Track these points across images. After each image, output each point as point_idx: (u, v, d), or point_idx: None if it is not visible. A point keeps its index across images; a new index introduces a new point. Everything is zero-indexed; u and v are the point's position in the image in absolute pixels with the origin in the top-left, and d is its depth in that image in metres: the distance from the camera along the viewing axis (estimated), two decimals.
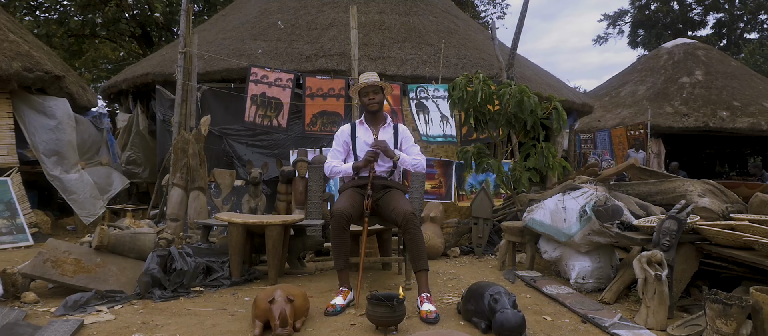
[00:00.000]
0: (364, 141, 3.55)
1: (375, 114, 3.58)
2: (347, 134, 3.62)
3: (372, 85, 3.51)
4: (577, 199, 3.67)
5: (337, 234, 3.26)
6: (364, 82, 3.51)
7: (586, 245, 3.62)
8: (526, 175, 4.98)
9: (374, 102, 3.53)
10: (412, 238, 3.22)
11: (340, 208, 3.27)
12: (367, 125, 3.60)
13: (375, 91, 3.53)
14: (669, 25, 28.74)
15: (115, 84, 8.83)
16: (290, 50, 7.64)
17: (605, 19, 29.39)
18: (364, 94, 3.54)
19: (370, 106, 3.53)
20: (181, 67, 6.29)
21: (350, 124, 3.68)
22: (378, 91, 3.55)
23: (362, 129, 3.60)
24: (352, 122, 3.69)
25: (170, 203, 5.08)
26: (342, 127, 3.69)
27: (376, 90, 3.54)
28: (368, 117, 3.61)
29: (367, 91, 3.53)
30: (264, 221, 3.83)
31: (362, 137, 3.57)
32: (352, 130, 3.62)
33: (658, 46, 24.83)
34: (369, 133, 3.57)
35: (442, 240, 4.90)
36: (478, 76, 5.01)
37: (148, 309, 3.18)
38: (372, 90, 3.52)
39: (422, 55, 7.67)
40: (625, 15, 28.94)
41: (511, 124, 5.02)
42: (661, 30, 28.54)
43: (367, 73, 3.61)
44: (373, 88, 3.52)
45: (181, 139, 5.08)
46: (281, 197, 5.44)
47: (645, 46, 29.02)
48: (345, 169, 3.51)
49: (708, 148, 14.26)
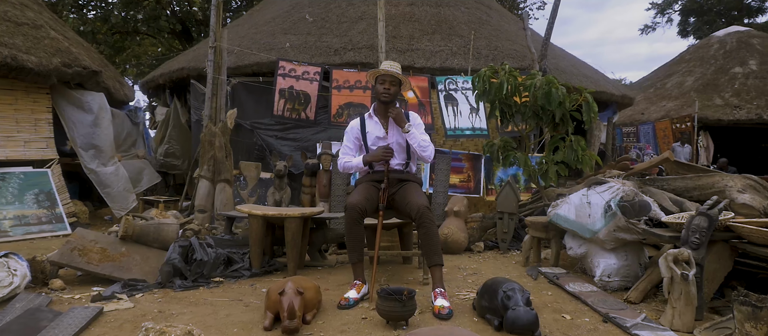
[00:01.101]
0: (375, 135, 3.50)
1: (386, 105, 3.50)
2: (357, 129, 3.58)
3: (391, 75, 3.44)
4: (602, 193, 3.52)
5: (350, 227, 3.24)
6: (384, 70, 3.44)
7: (612, 242, 3.47)
8: (553, 169, 4.82)
9: (389, 93, 3.44)
10: (426, 232, 3.17)
11: (353, 201, 3.24)
12: (376, 118, 3.54)
13: (393, 82, 3.45)
14: (723, 13, 27.23)
15: (152, 79, 9.11)
16: (319, 44, 7.67)
17: (653, 7, 28.08)
18: (381, 82, 3.46)
19: (383, 96, 3.44)
20: (211, 61, 6.41)
21: (359, 118, 3.62)
22: (396, 84, 3.47)
23: (372, 123, 3.54)
24: (361, 116, 3.64)
25: (197, 195, 5.19)
26: (351, 122, 3.64)
27: (394, 81, 3.46)
28: (379, 108, 3.55)
29: (385, 80, 3.45)
30: (283, 213, 3.86)
31: (373, 131, 3.52)
32: (362, 125, 3.57)
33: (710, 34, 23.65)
34: (379, 126, 3.51)
35: (465, 235, 4.82)
36: (503, 67, 4.88)
37: (167, 298, 3.25)
38: (390, 80, 3.44)
39: (452, 47, 7.55)
40: (675, 2, 27.57)
41: (539, 116, 4.86)
42: (714, 18, 27.09)
43: (391, 61, 3.52)
44: (391, 79, 3.44)
45: (208, 131, 5.18)
46: (305, 190, 5.48)
47: (696, 35, 27.64)
48: (356, 163, 3.48)
49: (763, 142, 13.48)
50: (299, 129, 7.15)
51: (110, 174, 5.77)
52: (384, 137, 3.50)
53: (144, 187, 6.66)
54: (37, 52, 5.50)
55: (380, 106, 3.53)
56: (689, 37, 28.04)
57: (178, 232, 3.85)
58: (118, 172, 5.61)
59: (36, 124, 5.69)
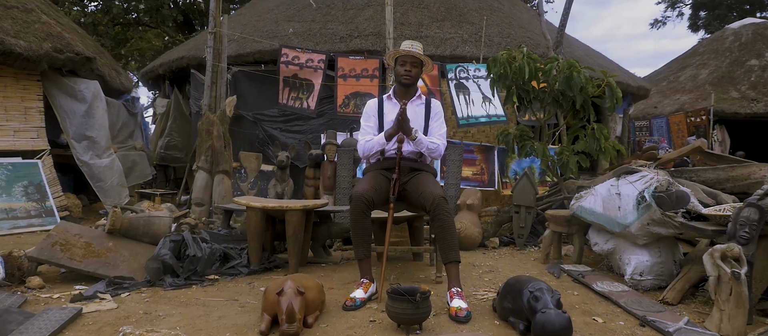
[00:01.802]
0: (391, 119, 3.19)
1: (407, 88, 3.20)
2: (375, 109, 3.27)
3: (412, 56, 3.13)
4: (634, 183, 3.19)
5: (356, 220, 2.93)
6: (405, 50, 3.13)
7: (645, 237, 3.15)
8: (573, 160, 4.49)
9: (409, 75, 3.14)
10: (442, 225, 2.85)
11: (360, 191, 2.94)
12: (396, 100, 3.23)
13: (414, 63, 3.15)
14: (734, 6, 26.74)
15: (152, 69, 8.82)
16: (324, 31, 7.36)
17: (663, 1, 27.60)
18: (401, 63, 3.16)
19: (404, 78, 3.15)
20: (211, 48, 6.11)
21: (377, 99, 3.32)
22: (417, 65, 3.17)
23: (390, 105, 3.24)
24: (379, 97, 3.33)
25: (195, 187, 4.90)
26: (368, 102, 3.34)
27: (416, 62, 3.16)
28: (399, 90, 3.24)
29: (405, 61, 3.14)
30: (284, 206, 3.56)
31: (390, 114, 3.20)
32: (380, 107, 3.27)
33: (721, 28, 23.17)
34: (398, 108, 3.20)
35: (479, 229, 4.50)
36: (521, 50, 4.55)
37: (155, 297, 2.96)
38: (411, 61, 3.14)
39: (463, 35, 7.22)
40: None
41: (559, 103, 4.54)
42: (725, 11, 26.61)
43: (412, 41, 3.20)
44: (412, 59, 3.14)
45: (205, 120, 4.89)
46: (309, 182, 5.18)
47: (707, 29, 27.20)
48: (377, 141, 3.14)
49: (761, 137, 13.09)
50: (304, 120, 6.87)
51: (104, 167, 5.48)
52: None
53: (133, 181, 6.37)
54: (27, 37, 5.22)
55: (400, 89, 3.23)
56: (700, 32, 27.61)
57: (170, 225, 3.55)
58: (112, 165, 5.33)
59: (26, 113, 5.41)
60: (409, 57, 3.13)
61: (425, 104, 3.24)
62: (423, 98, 3.26)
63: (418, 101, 3.24)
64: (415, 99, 3.23)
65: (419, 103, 3.24)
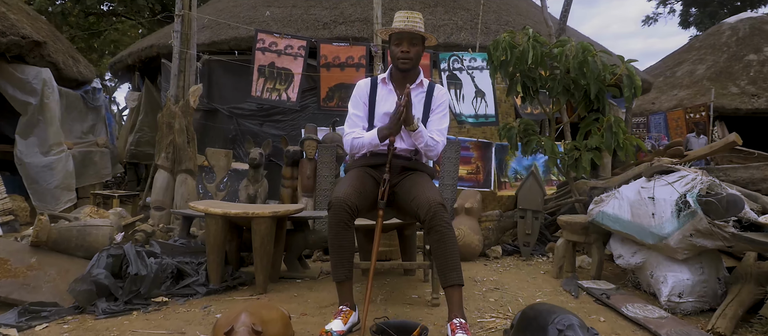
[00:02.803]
0: (384, 111, 2.58)
1: (406, 73, 2.58)
2: (365, 94, 2.65)
3: (410, 33, 2.51)
4: (673, 185, 2.64)
5: (336, 232, 2.34)
6: (401, 26, 2.50)
7: (686, 251, 2.59)
8: (587, 157, 3.94)
9: (408, 57, 2.51)
10: (441, 238, 2.27)
11: (341, 195, 2.34)
12: (392, 85, 2.63)
13: (413, 41, 2.52)
14: (725, 3, 26.63)
15: (121, 59, 8.15)
16: (306, 16, 6.75)
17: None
18: (397, 43, 2.53)
19: (402, 63, 2.52)
20: (179, 32, 5.48)
21: (370, 80, 2.70)
22: (417, 43, 2.54)
23: (385, 90, 2.63)
24: (372, 78, 2.73)
25: (154, 189, 4.28)
26: (359, 83, 2.72)
27: (415, 40, 2.52)
28: (395, 74, 2.63)
29: (402, 40, 2.51)
30: (250, 212, 2.96)
31: (384, 102, 2.60)
32: (372, 90, 2.66)
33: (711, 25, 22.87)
34: (394, 97, 2.59)
35: (479, 237, 3.94)
36: (526, 32, 3.98)
37: (81, 329, 2.35)
38: (408, 39, 2.51)
39: (457, 21, 6.64)
40: None
41: (570, 92, 3.98)
42: (717, 8, 26.50)
43: (408, 12, 2.56)
44: (410, 37, 2.51)
45: (166, 112, 4.26)
46: (285, 183, 4.58)
47: (698, 26, 27.11)
48: (370, 140, 2.52)
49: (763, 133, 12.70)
50: (285, 114, 6.26)
51: (42, 166, 4.78)
52: None
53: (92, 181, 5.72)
54: None
55: (397, 73, 2.61)
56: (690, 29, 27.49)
57: (111, 236, 2.94)
58: (57, 164, 4.67)
59: None
60: (406, 35, 2.52)
61: (427, 92, 2.65)
62: (425, 84, 2.66)
63: (420, 89, 2.64)
64: (416, 86, 2.63)
65: (420, 91, 2.64)
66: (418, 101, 2.62)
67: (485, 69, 5.86)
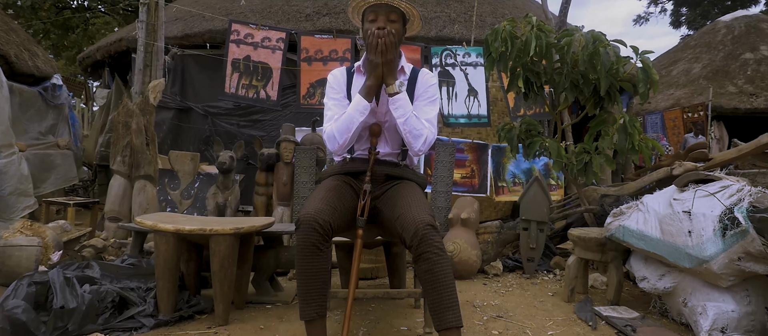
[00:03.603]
0: None
1: None
2: (343, 81, 2.21)
3: (387, 5, 2.05)
4: (715, 196, 2.18)
5: (304, 258, 1.87)
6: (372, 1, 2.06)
7: (731, 276, 2.15)
8: (598, 161, 3.49)
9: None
10: (432, 269, 1.80)
11: (311, 212, 1.87)
12: None
13: (391, 16, 2.06)
14: (716, 2, 26.64)
15: (89, 55, 7.60)
16: (287, 7, 6.26)
17: None
18: (371, 19, 2.07)
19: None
20: (144, 22, 4.98)
21: (346, 69, 2.25)
22: (396, 19, 2.08)
23: (360, 81, 2.17)
24: (347, 67, 2.26)
25: (108, 197, 3.77)
26: (333, 72, 2.26)
27: (394, 15, 2.07)
28: None
29: (377, 14, 2.06)
30: (207, 229, 2.47)
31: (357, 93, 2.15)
32: (349, 80, 2.21)
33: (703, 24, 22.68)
34: None
35: (477, 252, 3.47)
36: (529, 20, 3.53)
37: None
38: (384, 13, 2.05)
39: (450, 13, 6.19)
40: None
41: (578, 87, 3.53)
42: (708, 7, 26.50)
43: None
44: (387, 10, 2.06)
45: (122, 110, 3.76)
46: (260, 190, 4.09)
47: (689, 26, 27.09)
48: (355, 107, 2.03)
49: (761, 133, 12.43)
50: (265, 113, 5.78)
51: None
52: (373, 109, 2.13)
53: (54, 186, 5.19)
54: None
55: None
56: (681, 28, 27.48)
57: (38, 258, 2.43)
58: (7, 169, 4.14)
59: None
60: (384, 7, 2.06)
61: (410, 78, 2.19)
62: (408, 70, 2.20)
63: (401, 76, 2.18)
64: (401, 71, 2.18)
65: (402, 77, 2.18)
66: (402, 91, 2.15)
67: (480, 65, 5.41)
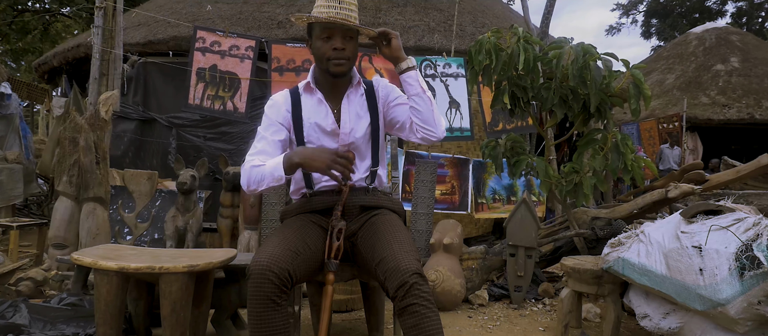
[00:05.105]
0: (316, 122, 1.86)
1: (339, 78, 1.86)
2: (283, 112, 1.89)
3: (343, 24, 1.76)
4: (730, 230, 1.96)
5: (258, 313, 1.56)
6: (330, 15, 1.75)
7: (749, 321, 1.92)
8: (589, 181, 3.27)
9: (343, 56, 1.79)
10: (419, 325, 1.52)
11: (264, 260, 1.57)
12: (321, 94, 1.89)
13: (346, 35, 1.79)
14: (685, 14, 27.39)
15: (46, 60, 7.14)
16: (258, 14, 5.95)
17: (618, 8, 27.92)
18: (325, 37, 1.78)
19: (336, 65, 1.79)
20: (100, 28, 4.60)
21: (288, 92, 1.94)
22: (353, 36, 1.81)
23: (312, 101, 1.90)
24: (291, 89, 1.96)
25: (53, 221, 3.39)
26: (273, 97, 1.95)
27: (350, 32, 1.80)
28: (323, 80, 1.89)
29: (333, 33, 1.78)
30: (156, 267, 2.14)
31: (312, 115, 1.88)
32: (295, 104, 1.90)
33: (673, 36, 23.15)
34: (325, 108, 1.88)
35: (462, 280, 3.21)
36: (515, 31, 3.30)
37: None
38: (341, 33, 1.78)
39: (429, 22, 5.96)
40: (640, 3, 27.48)
41: (567, 103, 3.31)
42: (677, 19, 27.20)
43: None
44: (344, 30, 1.78)
45: (69, 125, 3.39)
46: (225, 212, 3.76)
47: (659, 36, 27.78)
48: (271, 170, 1.72)
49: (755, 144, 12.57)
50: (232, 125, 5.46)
51: None
52: (335, 130, 1.85)
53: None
54: None
55: (326, 76, 1.87)
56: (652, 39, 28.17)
57: None
58: None
59: None
60: (339, 27, 1.78)
61: (367, 93, 1.92)
62: (362, 85, 1.94)
63: (358, 91, 1.92)
64: (353, 89, 1.92)
65: (358, 93, 1.92)
66: (361, 106, 1.91)
67: (461, 76, 5.19)
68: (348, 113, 1.87)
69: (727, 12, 26.59)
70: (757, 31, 25.03)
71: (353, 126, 1.86)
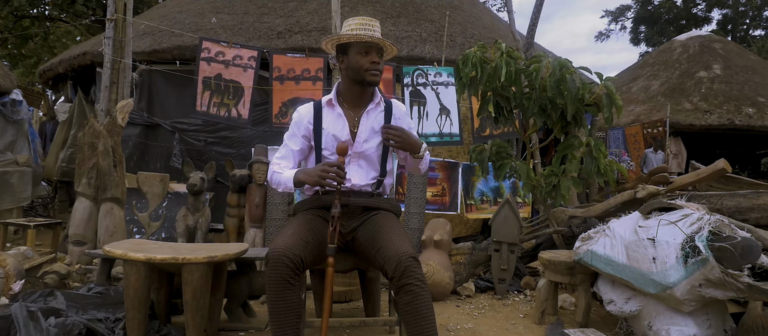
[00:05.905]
0: (333, 134, 2.17)
1: (365, 89, 2.18)
2: (308, 121, 2.21)
3: (378, 44, 2.11)
4: (677, 225, 2.29)
5: (276, 292, 1.86)
6: (366, 36, 2.07)
7: (693, 302, 2.25)
8: (566, 183, 3.60)
9: (377, 70, 2.12)
10: (413, 301, 1.83)
11: (280, 246, 1.87)
12: (341, 109, 2.19)
13: (380, 52, 2.14)
14: (672, 21, 27.93)
15: (51, 67, 7.38)
16: (259, 25, 6.24)
17: (607, 15, 28.42)
18: (363, 53, 2.10)
19: (373, 75, 2.11)
20: (111, 38, 4.87)
21: (312, 105, 2.26)
22: (381, 54, 2.17)
23: (333, 115, 2.20)
24: (315, 103, 2.27)
25: (72, 220, 3.67)
26: (299, 109, 2.27)
27: (380, 51, 2.15)
28: (349, 92, 2.20)
29: (368, 49, 2.10)
30: (179, 258, 2.43)
31: (332, 128, 2.18)
32: (316, 117, 2.21)
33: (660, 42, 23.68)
34: (343, 121, 2.18)
35: (450, 274, 3.52)
36: (499, 46, 3.63)
37: None
38: (376, 48, 2.12)
39: (421, 33, 6.28)
40: (628, 10, 28.00)
41: (546, 112, 3.64)
42: (664, 26, 27.73)
43: (364, 18, 2.15)
44: (377, 48, 2.12)
45: (88, 131, 3.67)
46: (231, 212, 4.05)
47: (647, 43, 28.28)
48: (286, 180, 2.14)
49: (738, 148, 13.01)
50: (234, 130, 5.72)
51: None
52: (348, 141, 2.16)
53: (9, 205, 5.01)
54: None
55: (353, 89, 2.19)
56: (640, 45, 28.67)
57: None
58: None
59: None
60: (376, 45, 2.11)
61: (386, 112, 2.23)
62: (382, 104, 2.24)
63: (378, 108, 2.23)
64: (374, 106, 2.22)
65: (378, 110, 2.23)
66: (377, 123, 2.21)
67: (451, 85, 5.51)
68: (365, 126, 2.17)
69: (713, 19, 27.22)
70: (742, 37, 25.66)
71: (367, 138, 2.17)
